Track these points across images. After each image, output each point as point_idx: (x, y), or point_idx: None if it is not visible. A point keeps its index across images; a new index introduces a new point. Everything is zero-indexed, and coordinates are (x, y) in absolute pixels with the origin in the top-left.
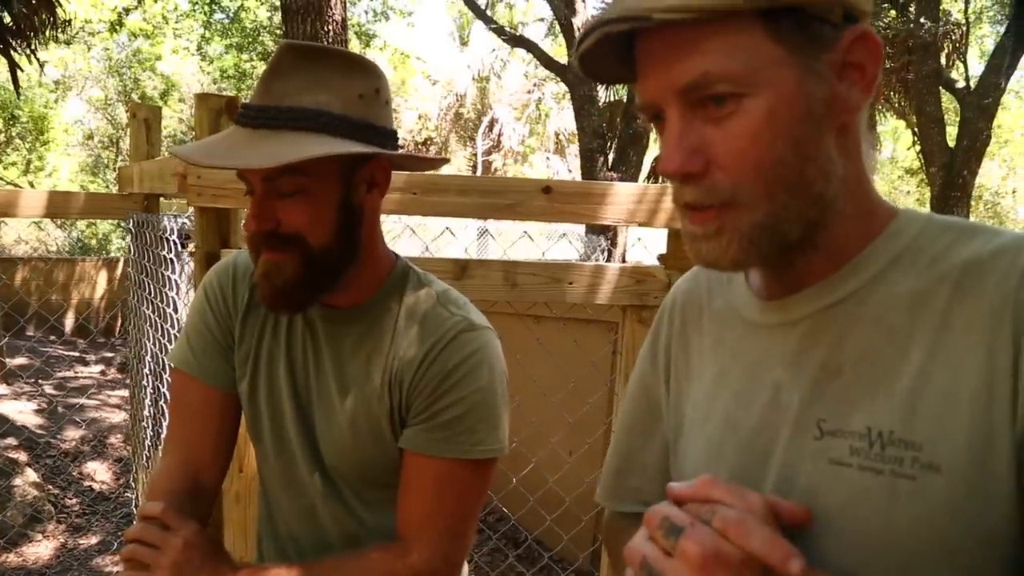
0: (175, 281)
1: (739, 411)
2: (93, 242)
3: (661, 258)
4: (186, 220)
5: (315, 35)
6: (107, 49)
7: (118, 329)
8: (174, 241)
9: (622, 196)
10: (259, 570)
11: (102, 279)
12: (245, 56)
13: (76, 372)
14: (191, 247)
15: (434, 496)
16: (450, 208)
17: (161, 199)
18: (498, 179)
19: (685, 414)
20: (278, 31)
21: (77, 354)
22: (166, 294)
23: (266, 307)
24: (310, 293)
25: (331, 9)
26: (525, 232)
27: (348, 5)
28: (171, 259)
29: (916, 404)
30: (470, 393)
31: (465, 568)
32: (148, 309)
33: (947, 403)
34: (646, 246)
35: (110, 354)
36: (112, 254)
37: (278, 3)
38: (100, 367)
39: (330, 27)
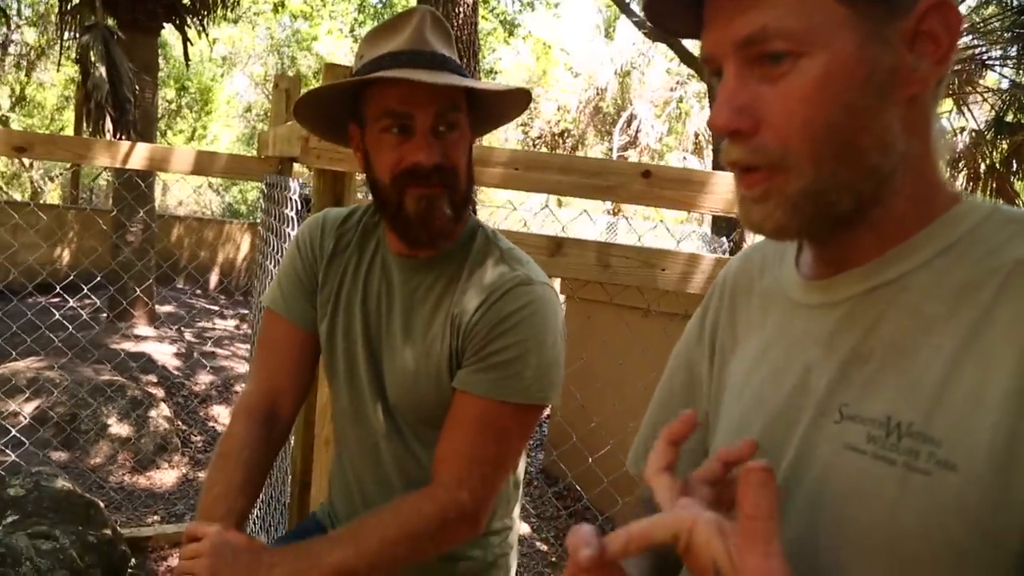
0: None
1: (770, 389)
2: (243, 208)
3: None
4: (302, 182)
5: (447, 16)
6: (269, 28)
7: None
8: (296, 201)
9: (722, 186)
10: (297, 549)
11: (245, 241)
12: None
13: (214, 324)
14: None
15: (473, 434)
16: (551, 186)
17: (294, 165)
18: (600, 161)
19: (725, 388)
20: None
21: (217, 308)
22: (285, 250)
23: (424, 239)
24: (455, 226)
25: None
26: (661, 220)
27: None
28: (292, 217)
29: (941, 398)
30: (520, 340)
31: (518, 523)
32: (271, 264)
33: (974, 402)
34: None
35: (245, 311)
36: (257, 219)
37: None
38: (235, 321)
39: (461, 8)
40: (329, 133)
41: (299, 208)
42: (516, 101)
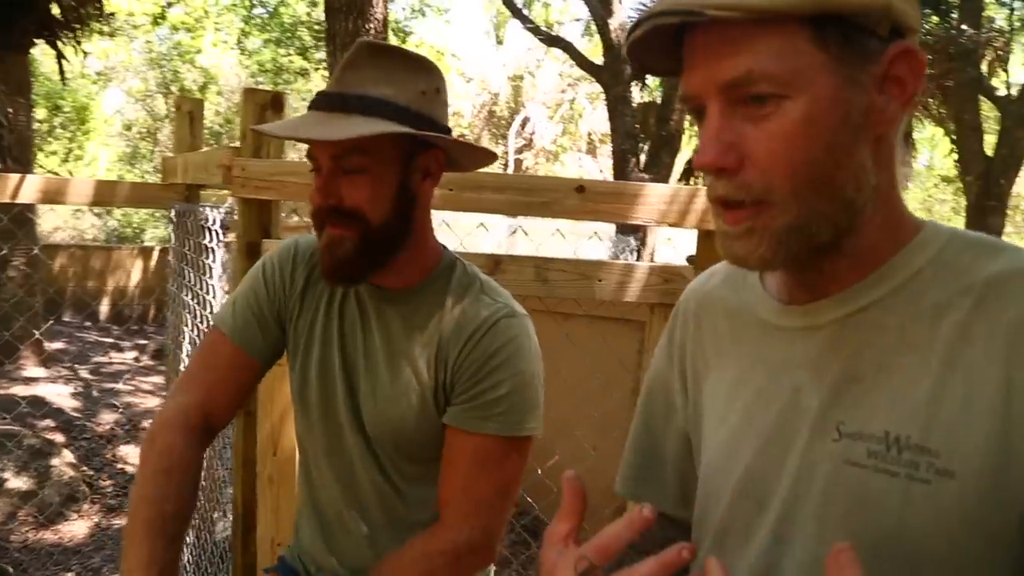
0: (214, 269)
1: (758, 411)
2: (128, 231)
3: (691, 259)
4: (225, 210)
5: (356, 32)
6: (149, 41)
7: (151, 316)
8: (216, 231)
9: (654, 197)
10: None
11: (137, 267)
12: (283, 51)
13: (111, 358)
14: (230, 237)
15: (474, 470)
16: (486, 205)
17: (201, 190)
18: (533, 177)
19: (703, 410)
20: (316, 27)
21: (111, 340)
22: (206, 282)
23: (325, 278)
24: (366, 267)
25: (373, 7)
26: (557, 230)
27: (387, 2)
28: (212, 248)
29: (934, 412)
30: (511, 376)
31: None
32: (187, 296)
33: (963, 413)
34: (675, 246)
35: (143, 341)
36: (147, 243)
37: None
38: (134, 353)
39: (372, 24)
40: None
41: (219, 238)
42: (474, 151)
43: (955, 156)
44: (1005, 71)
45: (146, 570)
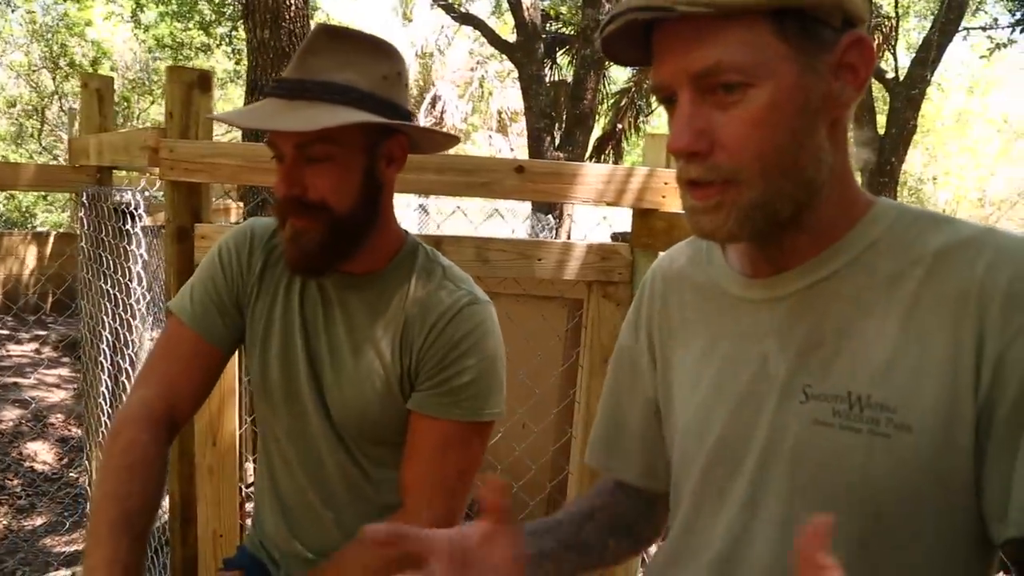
0: (139, 255)
1: (728, 379)
2: (16, 215)
3: (619, 236)
4: (141, 192)
5: (276, 8)
6: (31, 12)
7: (50, 305)
8: (140, 215)
9: (591, 177)
10: None
11: (31, 254)
12: (181, 25)
13: (8, 351)
14: (146, 221)
15: (438, 455)
16: (427, 186)
17: (113, 172)
18: (473, 158)
19: (673, 380)
20: (215, 0)
21: (7, 332)
22: (129, 268)
23: (291, 270)
24: (333, 257)
25: None
26: (495, 210)
27: None
28: (135, 232)
29: (891, 372)
30: (476, 362)
31: None
32: (106, 284)
33: (918, 372)
34: (611, 224)
35: (43, 332)
36: (39, 228)
37: None
38: (34, 345)
39: (292, 2)
40: None
41: (143, 223)
42: (436, 135)
43: (849, 135)
44: (893, 55)
45: (109, 568)
